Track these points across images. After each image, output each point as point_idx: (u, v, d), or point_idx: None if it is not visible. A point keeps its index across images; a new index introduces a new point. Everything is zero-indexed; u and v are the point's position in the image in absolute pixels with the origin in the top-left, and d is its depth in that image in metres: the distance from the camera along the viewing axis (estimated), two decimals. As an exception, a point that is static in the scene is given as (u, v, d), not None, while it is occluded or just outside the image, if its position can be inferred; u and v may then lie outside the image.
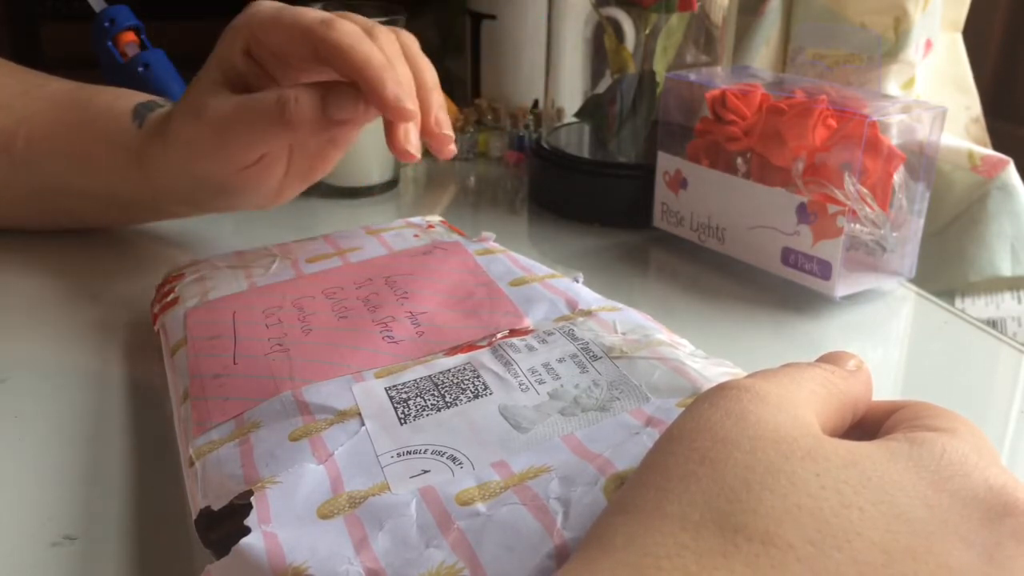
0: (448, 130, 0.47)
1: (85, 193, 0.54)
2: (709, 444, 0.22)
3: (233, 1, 0.46)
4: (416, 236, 0.48)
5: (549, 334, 0.36)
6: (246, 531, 0.26)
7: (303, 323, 0.39)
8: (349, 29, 0.44)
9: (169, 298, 0.44)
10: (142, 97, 0.54)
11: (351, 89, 0.44)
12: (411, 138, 0.45)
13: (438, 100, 0.47)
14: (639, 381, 0.32)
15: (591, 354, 0.34)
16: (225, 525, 0.28)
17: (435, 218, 0.52)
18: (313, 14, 0.45)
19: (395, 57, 0.45)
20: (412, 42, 0.48)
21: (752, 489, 0.21)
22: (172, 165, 0.49)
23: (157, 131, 0.50)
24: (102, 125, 0.53)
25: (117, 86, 0.58)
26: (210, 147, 0.46)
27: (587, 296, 0.40)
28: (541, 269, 0.43)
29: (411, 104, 0.43)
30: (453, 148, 0.47)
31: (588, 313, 0.38)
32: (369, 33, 0.45)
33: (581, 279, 0.43)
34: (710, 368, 0.33)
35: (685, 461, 0.22)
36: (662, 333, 0.36)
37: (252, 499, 0.27)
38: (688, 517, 0.20)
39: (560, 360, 0.34)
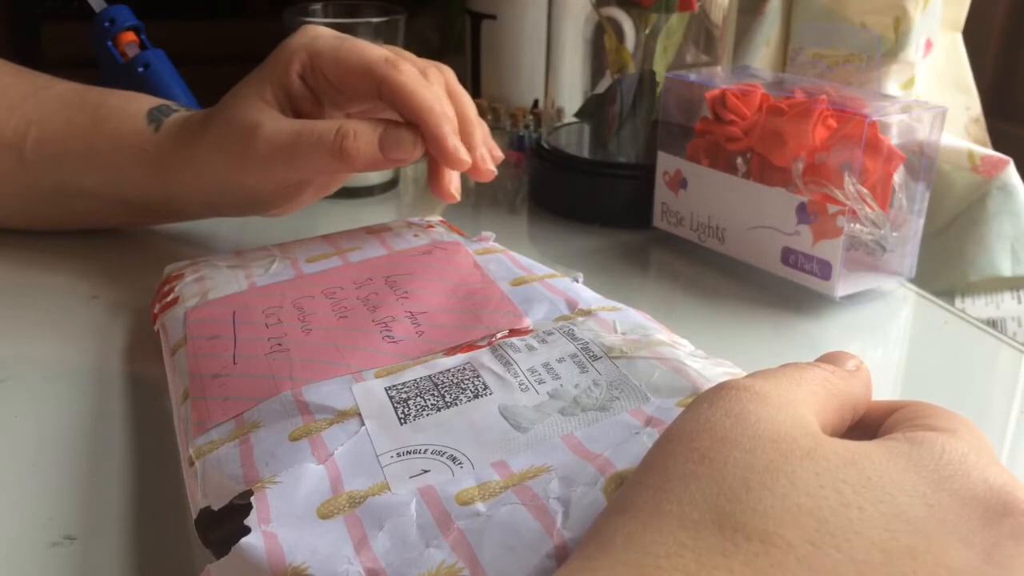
0: (491, 164, 0.49)
1: (96, 194, 0.54)
2: (709, 444, 0.22)
3: (233, 1, 0.46)
4: (416, 236, 0.48)
5: (549, 334, 0.36)
6: (246, 531, 0.26)
7: (303, 323, 0.39)
8: (412, 71, 0.46)
9: (169, 298, 0.44)
10: (154, 101, 0.54)
11: (409, 132, 0.46)
12: (456, 183, 0.49)
13: (482, 133, 0.50)
14: (639, 381, 0.32)
15: (591, 354, 0.34)
16: (225, 525, 0.28)
17: (435, 218, 0.52)
18: (376, 51, 0.47)
19: (443, 96, 0.47)
20: (453, 77, 0.50)
21: (752, 488, 0.21)
22: (201, 172, 0.50)
23: (181, 136, 0.51)
24: (115, 127, 0.53)
25: (117, 86, 0.58)
26: (256, 165, 0.47)
27: (587, 296, 0.40)
28: (541, 269, 0.43)
29: (467, 155, 0.46)
30: (494, 172, 0.49)
31: (588, 313, 0.38)
32: (423, 73, 0.47)
33: (581, 279, 0.43)
34: (710, 368, 0.33)
35: (685, 461, 0.22)
36: (662, 333, 0.36)
37: (252, 499, 0.27)
38: (688, 516, 0.21)
39: (560, 360, 0.34)
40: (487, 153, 0.49)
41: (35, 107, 0.55)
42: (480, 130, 0.50)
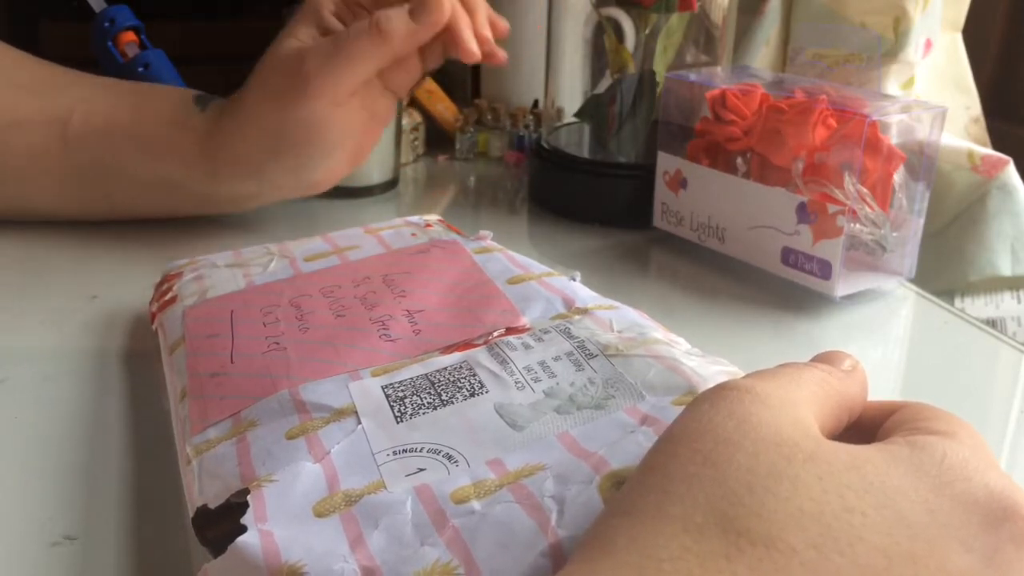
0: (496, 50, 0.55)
1: (134, 174, 0.56)
2: (711, 446, 0.22)
3: (234, 1, 0.47)
4: (414, 235, 0.48)
5: (545, 332, 0.36)
6: (243, 529, 0.26)
7: (301, 321, 0.39)
8: None
9: (167, 296, 0.44)
10: (195, 91, 0.58)
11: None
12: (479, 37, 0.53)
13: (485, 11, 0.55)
14: (635, 379, 0.32)
15: (587, 352, 0.34)
16: (222, 523, 0.28)
17: (433, 217, 0.52)
18: None
19: None
20: None
21: (755, 492, 0.21)
22: (251, 128, 0.52)
23: (227, 109, 0.54)
24: (164, 105, 0.56)
25: None
26: (307, 85, 0.50)
27: (584, 294, 0.40)
28: (538, 267, 0.43)
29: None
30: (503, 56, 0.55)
31: (584, 311, 0.38)
32: None
33: (578, 277, 0.43)
34: (706, 366, 0.33)
35: (687, 463, 0.22)
36: (658, 331, 0.36)
37: (248, 497, 0.27)
38: (691, 519, 0.20)
39: (556, 358, 0.34)
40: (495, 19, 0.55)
41: (83, 88, 0.57)
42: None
